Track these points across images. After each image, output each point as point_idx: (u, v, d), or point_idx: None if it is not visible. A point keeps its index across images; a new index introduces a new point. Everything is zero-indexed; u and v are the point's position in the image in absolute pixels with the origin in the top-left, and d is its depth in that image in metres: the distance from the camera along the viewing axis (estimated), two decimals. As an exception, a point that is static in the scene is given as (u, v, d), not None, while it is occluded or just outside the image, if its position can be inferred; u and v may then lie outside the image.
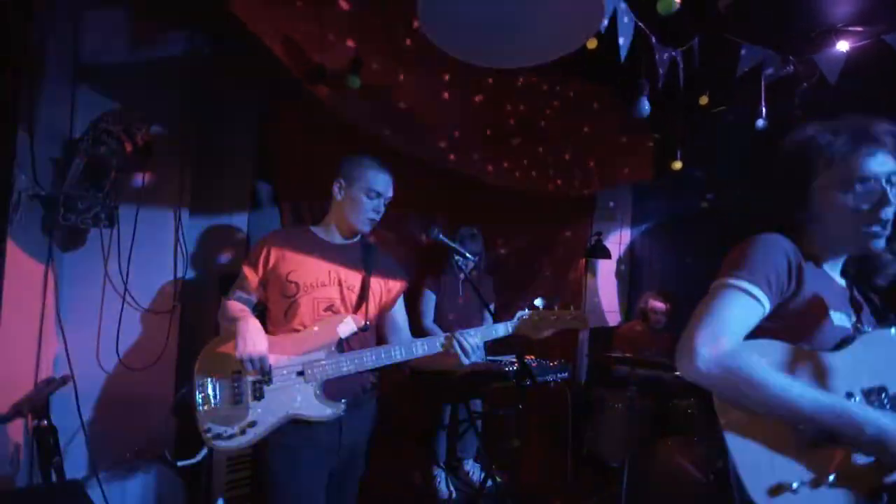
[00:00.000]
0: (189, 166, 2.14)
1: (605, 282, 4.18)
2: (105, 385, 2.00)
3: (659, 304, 3.46)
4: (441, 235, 1.73)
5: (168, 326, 2.08)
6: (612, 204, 4.18)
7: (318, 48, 1.85)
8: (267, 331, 1.53)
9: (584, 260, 3.82)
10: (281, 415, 1.47)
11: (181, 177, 2.10)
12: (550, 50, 1.15)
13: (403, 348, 1.52)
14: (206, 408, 1.47)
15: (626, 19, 1.53)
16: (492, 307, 2.94)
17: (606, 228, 4.09)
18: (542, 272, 3.56)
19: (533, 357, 2.77)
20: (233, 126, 2.33)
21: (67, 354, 1.86)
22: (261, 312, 1.62)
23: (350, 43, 1.89)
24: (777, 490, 0.92)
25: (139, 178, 1.99)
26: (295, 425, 1.48)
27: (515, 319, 1.56)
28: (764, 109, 2.36)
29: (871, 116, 1.05)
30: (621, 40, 1.55)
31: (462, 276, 2.88)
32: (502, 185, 2.81)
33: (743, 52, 2.43)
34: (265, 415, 1.46)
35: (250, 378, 1.48)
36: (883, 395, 1.02)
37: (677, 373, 3.00)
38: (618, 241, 4.29)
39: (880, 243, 1.03)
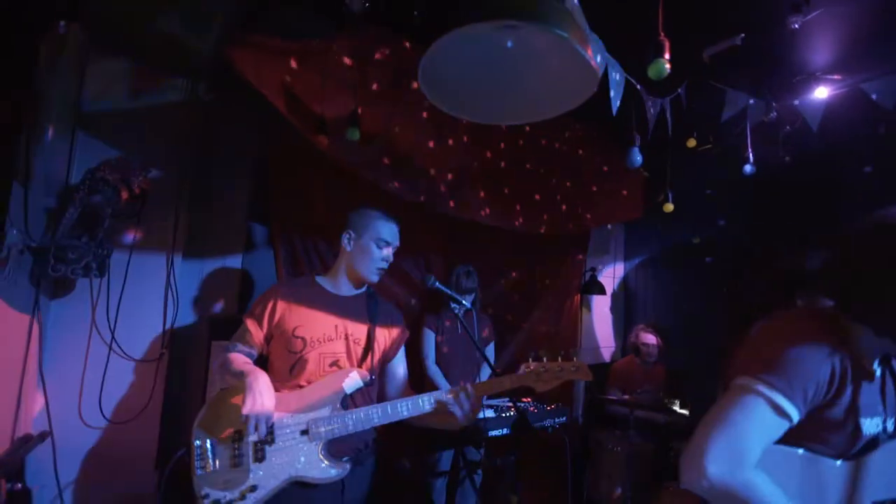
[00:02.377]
0: (183, 211, 2.13)
1: (600, 317, 4.17)
2: (86, 440, 1.91)
3: (650, 338, 3.45)
4: (437, 283, 1.71)
5: (154, 375, 2.01)
6: (605, 239, 4.23)
7: (319, 99, 1.88)
8: (275, 387, 1.46)
9: (578, 296, 3.82)
10: (284, 477, 1.40)
11: (175, 222, 2.08)
12: (544, 111, 1.17)
13: (410, 403, 1.47)
14: (204, 471, 1.40)
15: (616, 76, 1.58)
16: (490, 353, 2.94)
17: (600, 263, 4.11)
18: (538, 309, 3.54)
19: (530, 400, 2.71)
20: (229, 169, 2.34)
21: (48, 409, 1.79)
22: (261, 366, 1.54)
23: (349, 94, 1.93)
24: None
25: (133, 226, 1.98)
26: (297, 488, 1.41)
27: (521, 372, 1.52)
28: (751, 155, 2.42)
29: None
30: (612, 94, 1.59)
31: (460, 314, 2.86)
32: (496, 226, 2.82)
33: (727, 97, 2.53)
34: (267, 478, 1.39)
35: (252, 438, 1.41)
36: None
37: (671, 416, 2.93)
38: (612, 275, 4.30)
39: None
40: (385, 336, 1.64)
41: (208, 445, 1.42)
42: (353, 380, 1.48)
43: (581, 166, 3.14)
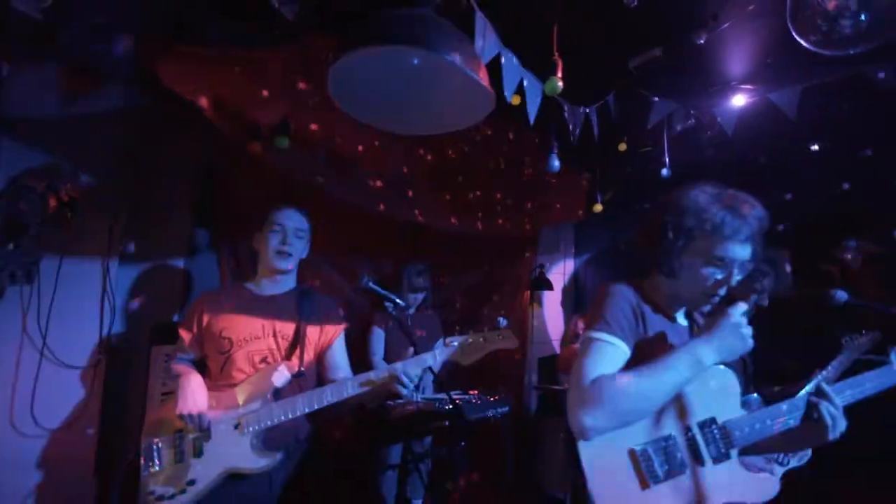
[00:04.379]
0: (121, 216, 2.12)
1: (552, 311, 4.35)
2: (19, 448, 1.90)
3: (583, 325, 3.63)
4: (371, 284, 1.79)
5: (91, 382, 2.01)
6: (555, 237, 4.41)
7: (251, 106, 1.92)
8: (208, 387, 1.57)
9: (528, 292, 3.97)
10: (219, 470, 1.48)
11: (111, 227, 2.08)
12: (451, 124, 1.27)
13: (334, 389, 1.55)
14: (151, 471, 1.50)
15: (536, 88, 1.69)
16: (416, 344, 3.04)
17: (550, 261, 4.28)
18: (488, 306, 3.67)
19: (476, 393, 2.83)
20: (171, 174, 2.34)
21: (-24, 418, 1.77)
22: (201, 371, 1.66)
23: (281, 101, 1.97)
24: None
25: (65, 233, 1.96)
26: (230, 479, 1.49)
27: (444, 347, 1.61)
28: (667, 159, 2.60)
29: (746, 198, 1.20)
30: (530, 105, 1.71)
31: (411, 311, 2.95)
32: (444, 228, 2.92)
33: (653, 105, 2.70)
34: (204, 471, 1.49)
35: (191, 435, 1.51)
36: (713, 427, 1.17)
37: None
38: (562, 271, 4.49)
39: (708, 308, 1.22)
40: (317, 329, 1.71)
41: (154, 447, 1.52)
42: (281, 374, 1.56)
43: (529, 168, 3.27)
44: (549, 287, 3.91)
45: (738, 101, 2.81)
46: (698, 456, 1.15)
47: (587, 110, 2.36)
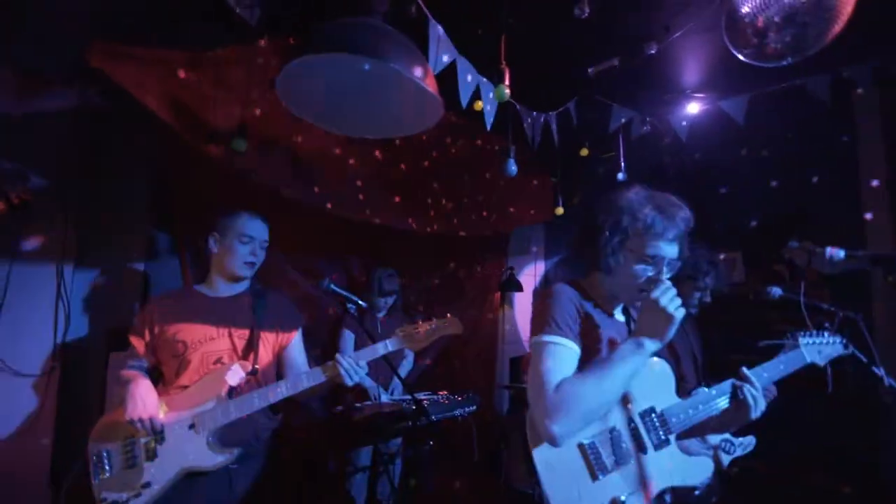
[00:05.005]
0: (75, 220, 2.08)
1: (523, 312, 4.42)
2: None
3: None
4: (331, 286, 1.81)
5: (45, 390, 1.96)
6: (525, 239, 4.49)
7: (207, 109, 1.91)
8: (162, 391, 1.56)
9: (499, 294, 4.04)
10: (175, 470, 1.48)
11: (65, 231, 2.03)
12: (395, 130, 1.31)
13: (288, 383, 1.57)
14: (101, 478, 1.49)
15: (490, 95, 1.76)
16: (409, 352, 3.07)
17: (521, 262, 4.37)
18: (459, 309, 3.72)
19: (445, 393, 2.87)
20: (129, 175, 2.30)
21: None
22: (155, 377, 1.65)
23: (239, 104, 1.97)
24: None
25: (16, 237, 1.91)
26: (188, 478, 1.49)
27: (394, 336, 1.67)
28: (623, 164, 2.72)
29: (674, 200, 1.28)
30: (487, 109, 1.77)
31: (381, 314, 2.97)
32: (413, 231, 2.95)
33: (613, 111, 2.81)
34: (159, 473, 1.48)
35: (143, 439, 1.50)
36: (653, 415, 1.24)
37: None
38: (533, 273, 4.58)
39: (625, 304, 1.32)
40: (274, 329, 1.72)
41: (104, 453, 1.51)
42: (235, 372, 1.57)
43: (496, 170, 3.34)
44: (519, 288, 3.98)
45: (693, 108, 2.96)
46: (641, 444, 1.22)
47: (543, 117, 2.44)
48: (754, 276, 3.16)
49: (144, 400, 1.47)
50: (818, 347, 1.59)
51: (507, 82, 1.45)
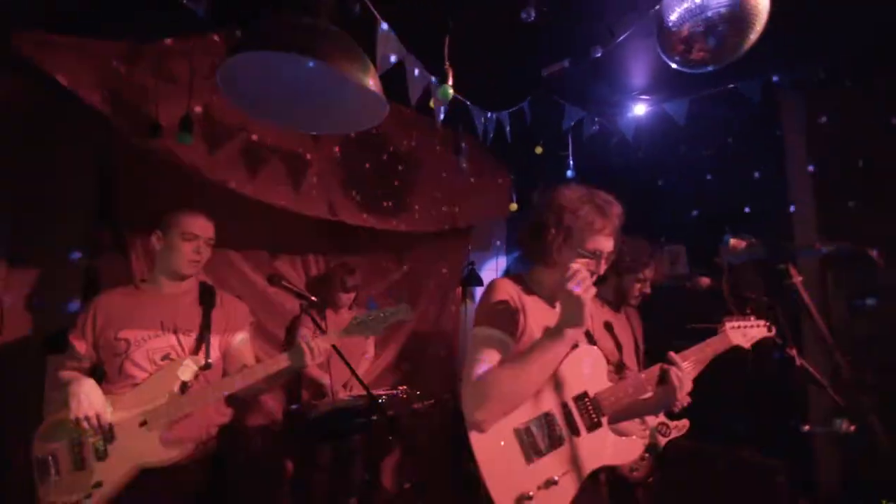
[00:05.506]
0: (7, 215, 1.97)
1: (484, 307, 4.52)
2: None
3: None
4: (282, 282, 1.81)
5: (-26, 397, 1.86)
6: (487, 234, 4.57)
7: (150, 101, 1.85)
8: (106, 391, 1.53)
9: (460, 289, 4.10)
10: (128, 467, 1.46)
11: (-3, 228, 1.93)
12: (340, 126, 1.33)
13: (243, 375, 1.57)
14: (47, 482, 1.45)
15: (439, 94, 1.79)
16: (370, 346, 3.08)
17: (482, 258, 4.45)
18: (420, 304, 3.76)
19: (405, 388, 2.91)
20: (69, 169, 2.19)
21: None
22: (98, 377, 1.60)
23: (184, 97, 1.92)
24: (519, 500, 1.15)
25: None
26: (141, 475, 1.48)
27: (349, 324, 1.68)
28: (571, 161, 2.84)
29: (610, 198, 1.36)
30: (437, 107, 1.81)
31: (343, 310, 2.97)
32: (371, 227, 2.96)
33: (566, 111, 2.92)
34: (111, 473, 1.46)
35: (91, 439, 1.47)
36: (586, 400, 1.33)
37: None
38: (494, 268, 4.67)
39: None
40: (222, 324, 1.71)
41: (48, 457, 1.48)
42: (187, 367, 1.56)
43: (451, 170, 3.39)
44: (481, 283, 4.05)
45: (639, 109, 3.11)
46: (574, 427, 1.30)
47: (494, 115, 2.51)
48: (696, 268, 3.36)
49: (90, 397, 1.44)
50: (743, 331, 1.73)
51: (450, 81, 1.50)
